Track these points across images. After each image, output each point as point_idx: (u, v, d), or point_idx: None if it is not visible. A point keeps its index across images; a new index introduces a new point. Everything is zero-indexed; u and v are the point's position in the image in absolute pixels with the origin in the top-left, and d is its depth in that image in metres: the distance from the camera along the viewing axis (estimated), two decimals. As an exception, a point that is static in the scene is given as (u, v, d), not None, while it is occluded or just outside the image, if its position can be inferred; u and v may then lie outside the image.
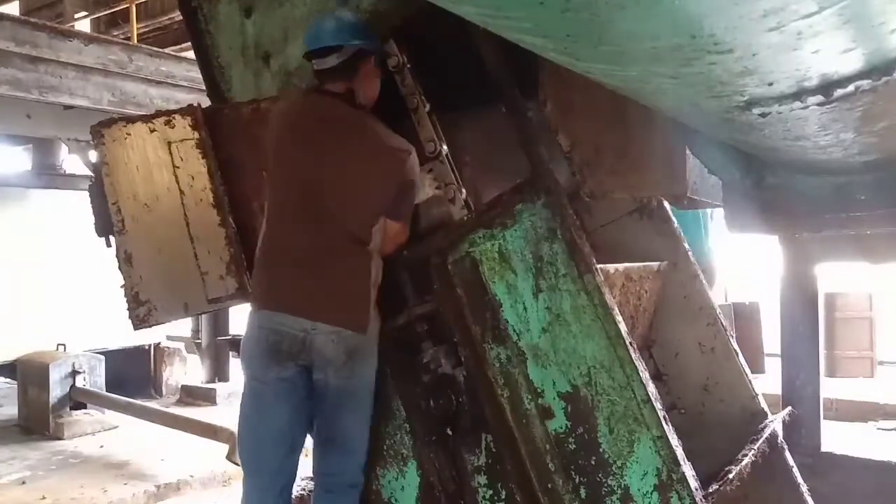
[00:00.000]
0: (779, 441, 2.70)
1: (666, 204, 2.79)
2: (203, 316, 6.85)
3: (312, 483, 2.45)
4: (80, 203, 3.37)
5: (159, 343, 7.94)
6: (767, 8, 0.91)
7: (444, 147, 2.31)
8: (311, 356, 2.22)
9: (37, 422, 6.02)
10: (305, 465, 2.43)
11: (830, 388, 5.54)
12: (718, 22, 0.97)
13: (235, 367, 6.85)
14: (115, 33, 9.79)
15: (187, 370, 8.00)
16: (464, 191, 2.36)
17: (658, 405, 1.93)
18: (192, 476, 4.84)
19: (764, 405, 2.75)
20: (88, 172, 6.10)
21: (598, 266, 2.02)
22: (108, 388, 6.29)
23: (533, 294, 2.03)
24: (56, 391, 5.95)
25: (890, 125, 1.59)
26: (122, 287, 2.81)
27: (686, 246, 2.91)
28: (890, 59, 1.19)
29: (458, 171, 2.36)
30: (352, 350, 2.22)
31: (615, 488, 1.95)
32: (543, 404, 2.03)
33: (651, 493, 1.92)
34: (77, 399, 6.05)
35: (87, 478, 4.81)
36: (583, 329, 1.98)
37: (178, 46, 8.48)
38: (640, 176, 2.36)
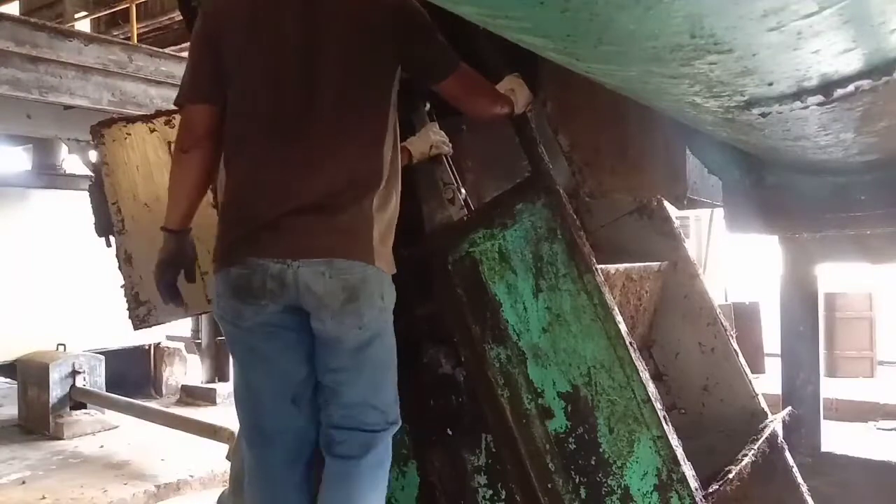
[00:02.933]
0: (779, 441, 2.70)
1: (666, 204, 2.79)
2: (203, 316, 6.85)
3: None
4: (80, 203, 3.38)
5: (159, 343, 7.95)
6: (767, 8, 0.92)
7: (444, 147, 2.31)
8: (297, 296, 1.71)
9: (37, 422, 6.02)
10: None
11: (830, 388, 5.55)
12: (718, 22, 0.97)
13: (235, 367, 6.83)
14: (115, 33, 9.79)
15: (187, 370, 8.00)
16: (463, 191, 2.36)
17: (658, 405, 1.93)
18: (192, 476, 4.84)
19: (764, 405, 2.75)
20: (88, 172, 6.11)
21: (599, 266, 2.02)
22: (108, 388, 6.29)
23: (533, 294, 2.03)
24: (56, 391, 5.95)
25: (890, 125, 1.59)
26: (122, 287, 2.82)
27: (686, 246, 2.91)
28: (890, 59, 1.19)
29: (459, 175, 2.36)
30: (353, 286, 1.72)
31: (615, 488, 1.95)
32: (543, 404, 2.03)
33: (651, 493, 1.92)
34: (77, 399, 6.05)
35: (87, 478, 4.81)
36: (583, 329, 1.97)
37: (178, 46, 8.48)
38: (640, 176, 2.37)
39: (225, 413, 5.74)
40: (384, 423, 1.91)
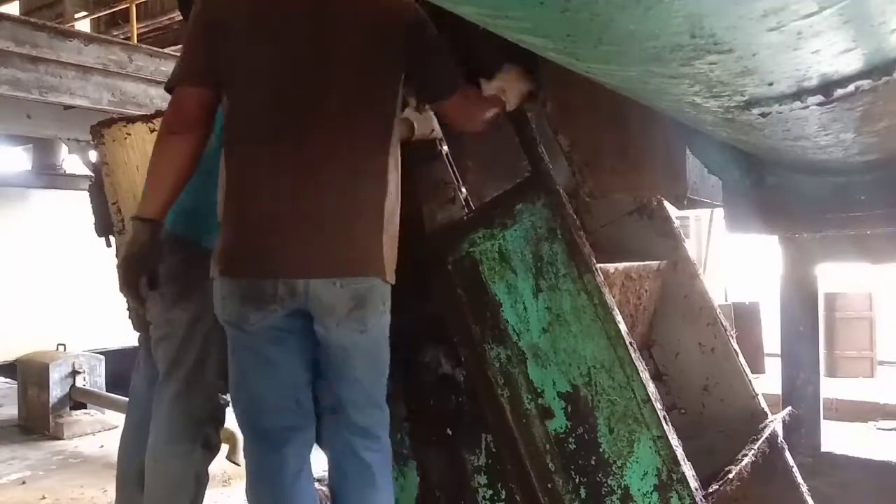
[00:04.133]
0: (779, 441, 2.70)
1: (666, 204, 2.79)
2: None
3: (315, 484, 2.02)
4: (80, 203, 3.38)
5: (159, 343, 7.92)
6: (767, 8, 0.92)
7: (445, 147, 2.31)
8: (305, 302, 1.73)
9: (37, 422, 6.01)
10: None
11: (830, 388, 5.54)
12: (718, 22, 0.97)
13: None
14: (115, 33, 9.79)
15: (187, 370, 7.97)
16: (464, 190, 2.36)
17: (658, 405, 1.93)
18: (192, 476, 4.83)
19: (764, 405, 2.76)
20: (88, 172, 6.11)
21: (598, 266, 2.02)
22: (108, 388, 6.29)
23: (533, 294, 2.03)
24: (56, 391, 5.94)
25: (890, 125, 1.59)
26: (122, 287, 2.82)
27: (686, 246, 2.91)
28: (890, 59, 1.19)
29: (460, 175, 2.36)
30: (361, 296, 1.76)
31: (615, 488, 1.96)
32: (543, 404, 2.03)
33: (651, 493, 1.92)
34: (77, 399, 6.04)
35: (87, 478, 4.80)
36: (583, 329, 1.98)
37: (178, 46, 8.48)
38: (640, 176, 2.36)
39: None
40: (385, 420, 1.97)
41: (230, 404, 2.21)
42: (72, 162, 8.12)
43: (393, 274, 1.86)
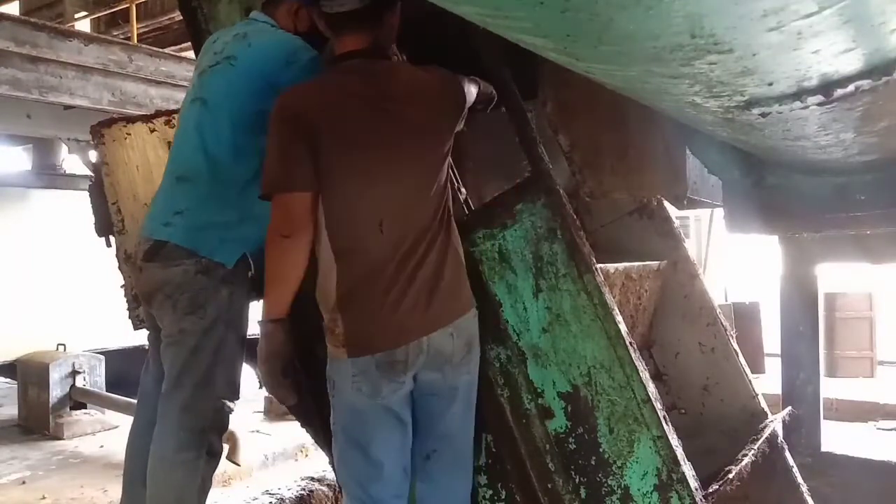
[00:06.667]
0: (779, 441, 2.70)
1: (666, 204, 2.80)
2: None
3: (316, 483, 2.16)
4: (80, 203, 3.38)
5: (159, 343, 7.92)
6: (767, 8, 0.92)
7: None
8: (427, 359, 1.89)
9: (37, 422, 6.01)
10: (304, 464, 2.18)
11: (830, 388, 5.55)
12: (718, 22, 0.97)
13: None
14: (115, 33, 9.79)
15: (187, 370, 7.96)
16: (464, 191, 2.36)
17: (658, 405, 1.93)
18: (192, 476, 4.83)
19: (764, 405, 2.76)
20: (88, 172, 6.11)
21: (598, 266, 2.02)
22: (108, 388, 6.28)
23: (533, 294, 2.03)
24: (56, 391, 5.94)
25: (890, 125, 1.60)
26: (121, 287, 2.82)
27: (686, 246, 2.91)
28: (890, 59, 1.19)
29: (460, 175, 2.36)
30: (471, 338, 1.95)
31: (615, 488, 1.96)
32: (543, 404, 2.03)
33: (651, 493, 1.92)
34: (77, 399, 6.04)
35: (87, 478, 4.80)
36: (583, 329, 1.98)
37: (178, 46, 8.48)
38: (640, 176, 2.37)
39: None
40: (471, 452, 2.08)
41: (232, 411, 2.23)
42: (72, 162, 8.12)
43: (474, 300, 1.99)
